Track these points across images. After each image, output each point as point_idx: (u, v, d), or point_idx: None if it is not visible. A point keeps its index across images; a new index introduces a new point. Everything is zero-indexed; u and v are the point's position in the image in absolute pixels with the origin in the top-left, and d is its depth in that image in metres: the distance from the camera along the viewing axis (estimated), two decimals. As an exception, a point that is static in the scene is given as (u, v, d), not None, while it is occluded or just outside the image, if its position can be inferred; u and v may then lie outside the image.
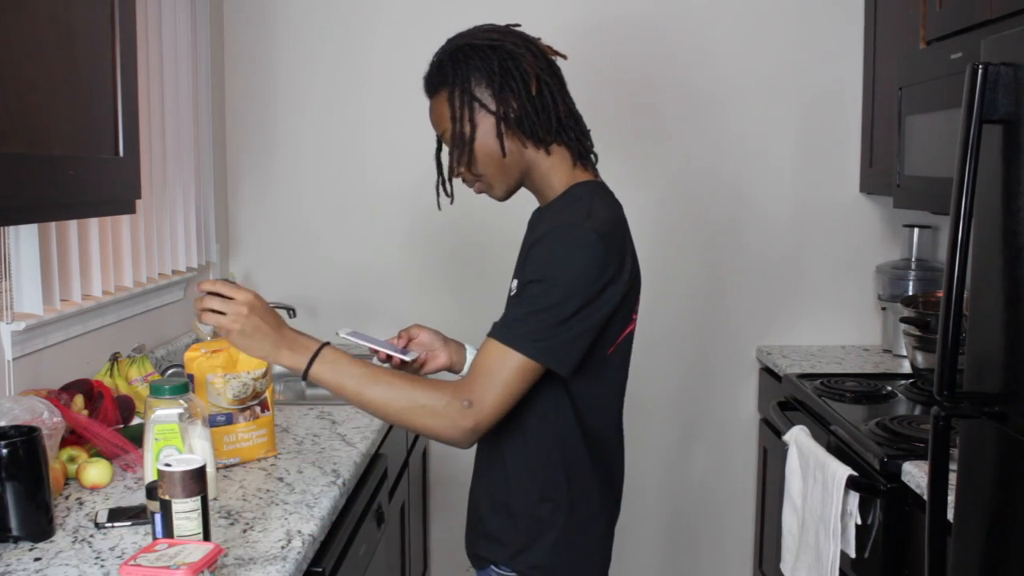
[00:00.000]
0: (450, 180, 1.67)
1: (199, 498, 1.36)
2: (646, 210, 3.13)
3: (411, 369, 1.76)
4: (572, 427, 1.58)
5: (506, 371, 1.45)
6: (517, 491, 1.61)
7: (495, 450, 1.63)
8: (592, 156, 1.67)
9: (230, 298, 1.49)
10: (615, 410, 1.68)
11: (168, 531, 1.35)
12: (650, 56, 3.10)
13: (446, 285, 3.18)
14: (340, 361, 1.50)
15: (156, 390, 1.62)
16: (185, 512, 1.35)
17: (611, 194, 1.64)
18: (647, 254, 3.12)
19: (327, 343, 1.53)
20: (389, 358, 1.73)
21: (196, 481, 1.35)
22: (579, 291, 1.45)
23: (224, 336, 1.50)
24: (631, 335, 1.64)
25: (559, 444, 1.58)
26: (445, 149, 1.67)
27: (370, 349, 1.71)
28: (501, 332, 1.48)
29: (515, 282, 1.58)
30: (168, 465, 1.36)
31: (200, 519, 1.36)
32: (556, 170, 1.61)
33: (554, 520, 1.59)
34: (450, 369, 1.80)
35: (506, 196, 1.65)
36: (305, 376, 1.50)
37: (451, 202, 1.70)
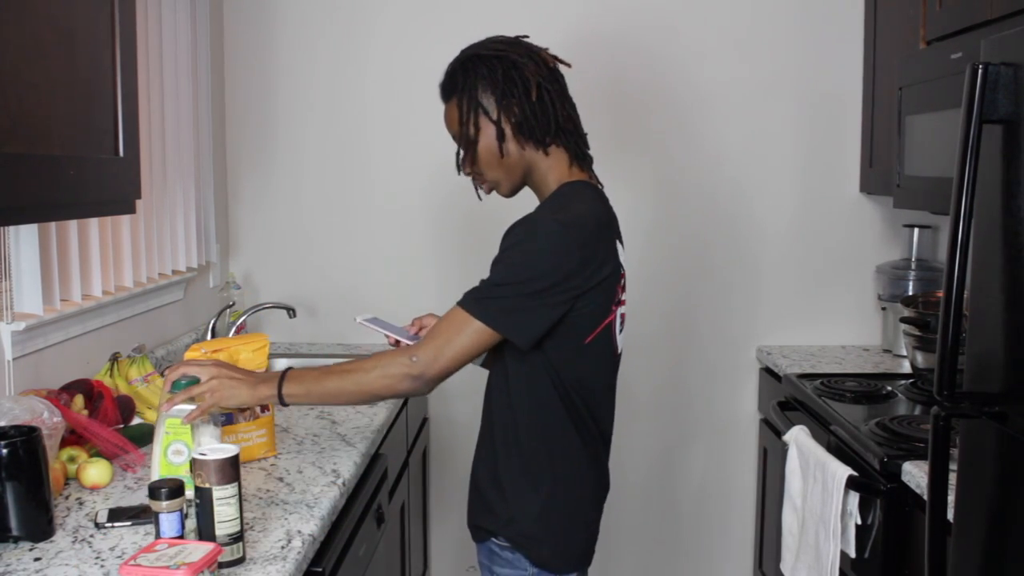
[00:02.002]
0: (475, 178, 1.81)
1: (236, 484, 1.41)
2: (647, 210, 3.14)
3: None
4: (556, 405, 1.69)
5: (463, 335, 1.61)
6: (505, 463, 1.72)
7: (489, 424, 1.76)
8: (588, 158, 1.79)
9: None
10: (602, 393, 1.77)
11: (208, 518, 1.38)
12: (654, 57, 3.10)
13: (446, 285, 3.17)
14: (301, 374, 1.68)
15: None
16: (225, 498, 1.39)
17: (599, 193, 1.76)
18: (647, 254, 3.15)
19: (289, 368, 1.71)
20: (398, 343, 1.84)
21: (233, 468, 1.41)
22: (539, 272, 1.58)
23: (210, 399, 1.64)
24: (611, 326, 1.72)
25: (543, 420, 1.69)
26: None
27: (385, 335, 1.85)
28: (466, 302, 1.63)
29: None
30: (204, 454, 1.40)
31: (238, 505, 1.40)
32: (553, 170, 1.74)
33: (538, 491, 1.69)
34: None
35: (511, 193, 1.80)
36: (280, 398, 1.67)
37: (479, 198, 1.87)
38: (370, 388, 1.65)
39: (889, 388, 2.58)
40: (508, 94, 1.69)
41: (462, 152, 1.76)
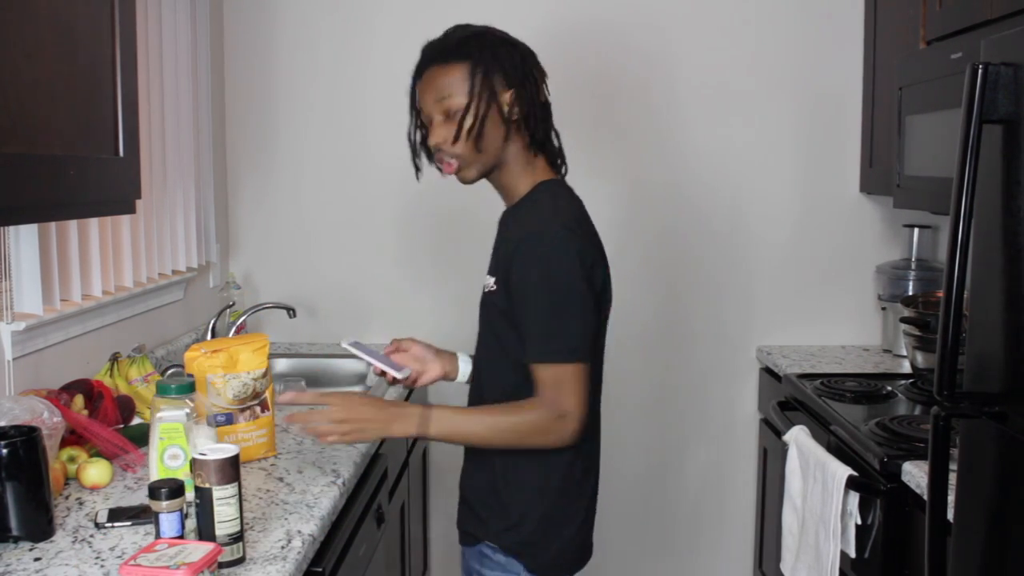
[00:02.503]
0: (445, 153, 1.69)
1: (236, 484, 1.40)
2: (646, 210, 3.14)
3: (404, 384, 1.89)
4: None
5: (569, 379, 1.61)
6: (506, 472, 1.71)
7: None
8: (563, 169, 1.79)
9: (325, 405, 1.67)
10: (596, 393, 1.77)
11: (208, 518, 1.38)
12: (654, 57, 3.10)
13: (445, 285, 3.17)
14: (441, 418, 1.65)
15: (163, 389, 1.62)
16: (225, 498, 1.39)
17: (571, 190, 1.76)
18: (647, 254, 3.15)
19: (423, 405, 1.66)
20: (384, 373, 1.84)
21: (233, 468, 1.40)
22: (574, 285, 1.60)
23: (336, 439, 1.65)
24: (606, 320, 1.75)
25: None
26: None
27: (371, 364, 1.82)
28: (541, 354, 1.61)
29: (491, 280, 1.70)
30: (204, 454, 1.40)
31: (237, 504, 1.40)
32: (533, 170, 1.72)
33: (543, 498, 1.70)
34: (445, 378, 1.90)
35: (475, 179, 1.72)
36: (419, 437, 1.67)
37: (418, 177, 1.78)
38: (522, 442, 1.64)
39: (889, 388, 2.58)
40: (525, 83, 1.66)
41: (454, 125, 1.65)
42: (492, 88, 1.64)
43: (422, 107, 1.70)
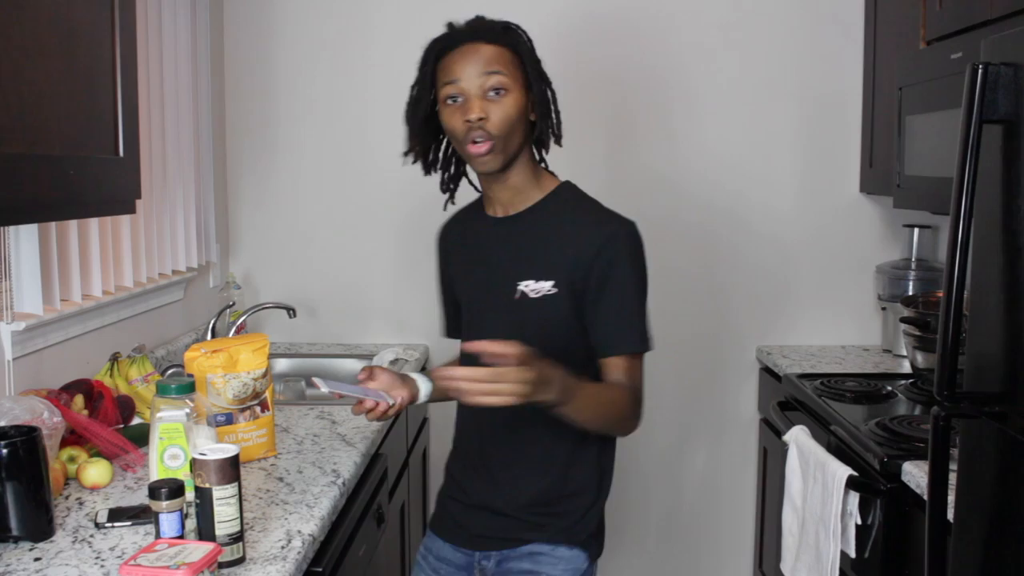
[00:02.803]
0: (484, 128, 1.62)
1: (236, 484, 1.40)
2: (646, 209, 3.12)
3: (389, 413, 1.74)
4: None
5: (641, 368, 1.72)
6: (569, 475, 1.73)
7: (543, 448, 1.71)
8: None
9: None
10: None
11: (208, 518, 1.38)
12: (654, 56, 3.10)
13: (446, 285, 3.17)
14: (583, 395, 1.54)
15: (163, 389, 1.61)
16: (225, 498, 1.39)
17: None
18: (647, 253, 3.14)
19: (567, 376, 1.51)
20: (361, 402, 1.73)
21: (233, 468, 1.40)
22: (646, 278, 1.75)
23: (506, 399, 1.43)
24: None
25: None
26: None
27: (358, 398, 1.69)
28: (628, 344, 1.69)
29: (547, 284, 1.67)
30: (204, 454, 1.40)
31: (238, 504, 1.40)
32: (541, 174, 1.75)
33: (600, 491, 1.77)
34: (412, 401, 1.79)
35: (497, 169, 1.66)
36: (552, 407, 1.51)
37: (413, 162, 1.87)
38: (620, 431, 1.71)
39: (889, 388, 2.58)
40: (551, 89, 1.70)
41: (487, 99, 1.60)
42: (535, 76, 1.65)
43: (457, 79, 1.62)
